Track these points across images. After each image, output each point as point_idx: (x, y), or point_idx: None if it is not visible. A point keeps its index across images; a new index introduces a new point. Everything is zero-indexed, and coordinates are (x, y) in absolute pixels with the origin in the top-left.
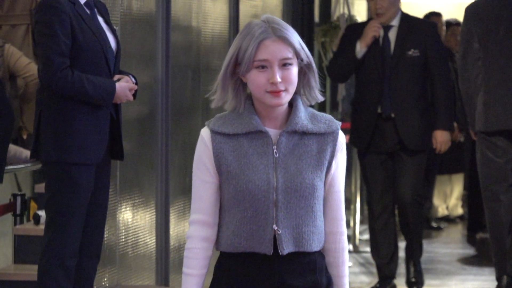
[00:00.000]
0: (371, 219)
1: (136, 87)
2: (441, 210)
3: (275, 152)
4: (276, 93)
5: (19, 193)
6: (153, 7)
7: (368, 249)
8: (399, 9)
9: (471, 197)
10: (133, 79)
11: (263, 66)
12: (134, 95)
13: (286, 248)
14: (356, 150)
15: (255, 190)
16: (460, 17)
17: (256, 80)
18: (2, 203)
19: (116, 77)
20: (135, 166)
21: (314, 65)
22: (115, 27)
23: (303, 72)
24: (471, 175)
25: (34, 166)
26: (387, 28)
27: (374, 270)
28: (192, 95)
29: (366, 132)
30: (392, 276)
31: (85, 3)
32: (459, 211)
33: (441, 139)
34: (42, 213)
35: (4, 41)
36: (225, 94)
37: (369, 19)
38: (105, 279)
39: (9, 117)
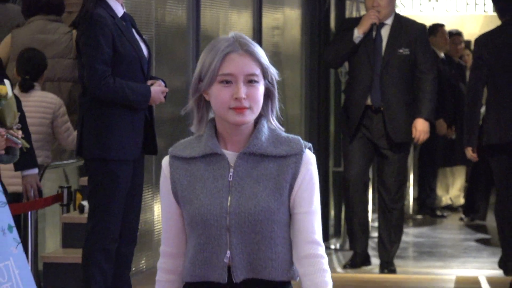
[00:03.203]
0: (346, 191)
1: (167, 89)
2: (445, 200)
3: (230, 175)
4: (239, 109)
5: (66, 185)
6: (184, 19)
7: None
8: (394, 9)
9: (470, 188)
10: (163, 83)
11: (228, 82)
12: (165, 97)
13: (241, 275)
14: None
15: (207, 214)
16: (461, 28)
17: (219, 95)
18: (51, 194)
19: (150, 82)
20: None
21: (276, 89)
22: (144, 36)
23: (269, 93)
24: (473, 169)
25: (79, 162)
26: (380, 25)
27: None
28: None
29: (353, 122)
30: (363, 252)
31: (121, 17)
32: (461, 201)
33: (420, 127)
34: (86, 203)
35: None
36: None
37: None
38: (143, 261)
39: None
